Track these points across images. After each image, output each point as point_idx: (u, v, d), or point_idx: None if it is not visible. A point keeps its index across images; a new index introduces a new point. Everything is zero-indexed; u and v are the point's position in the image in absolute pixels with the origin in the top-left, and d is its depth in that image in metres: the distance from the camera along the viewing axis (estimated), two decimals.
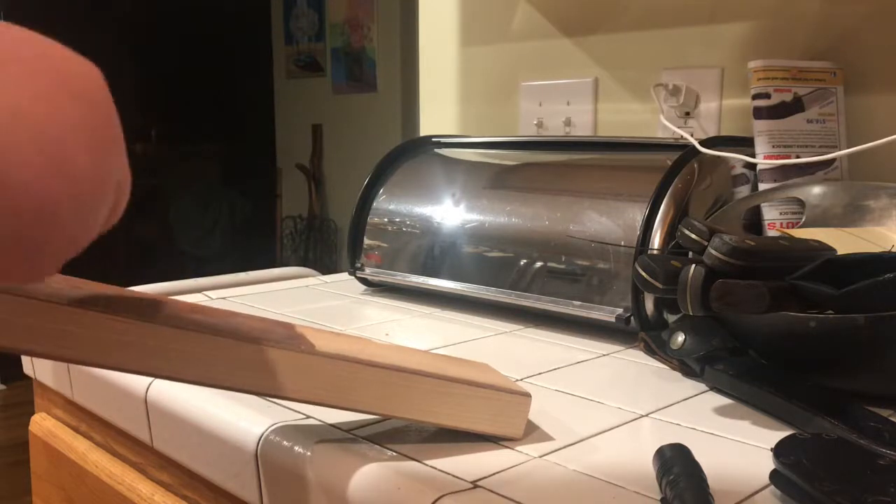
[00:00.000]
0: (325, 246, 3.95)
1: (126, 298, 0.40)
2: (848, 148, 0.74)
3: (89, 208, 0.28)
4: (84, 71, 0.29)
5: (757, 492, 0.40)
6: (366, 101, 3.70)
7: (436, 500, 0.39)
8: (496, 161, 0.89)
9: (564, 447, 0.46)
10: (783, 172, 0.75)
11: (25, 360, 0.78)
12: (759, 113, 0.76)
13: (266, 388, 0.42)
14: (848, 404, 0.48)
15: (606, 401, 0.54)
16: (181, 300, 0.44)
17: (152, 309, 0.40)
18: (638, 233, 0.67)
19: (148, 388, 0.59)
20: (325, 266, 3.81)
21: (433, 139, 0.96)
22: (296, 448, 0.46)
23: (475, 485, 0.41)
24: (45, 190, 0.25)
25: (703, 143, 0.73)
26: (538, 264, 0.74)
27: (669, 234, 0.66)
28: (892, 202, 0.69)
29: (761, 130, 0.76)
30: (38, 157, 0.25)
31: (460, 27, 1.19)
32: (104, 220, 0.29)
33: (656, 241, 0.67)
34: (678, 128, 0.88)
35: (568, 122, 1.06)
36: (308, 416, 0.50)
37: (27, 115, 0.25)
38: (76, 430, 0.76)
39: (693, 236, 0.54)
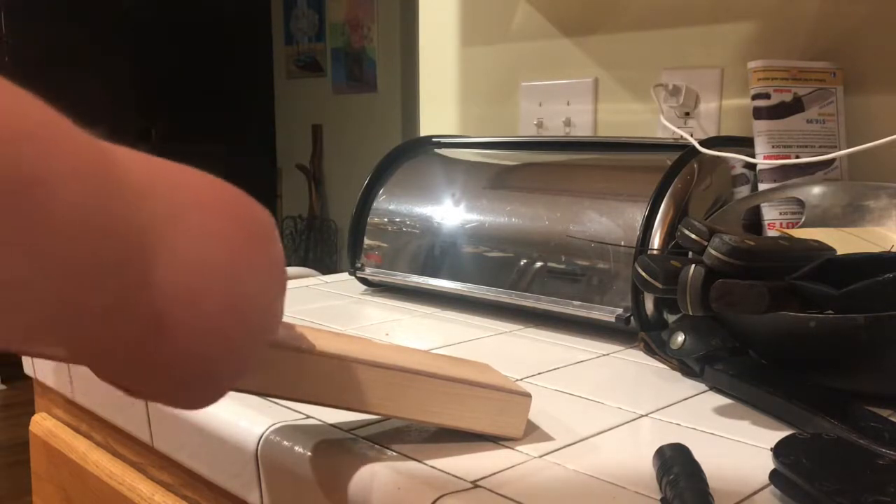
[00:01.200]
0: (325, 246, 3.95)
1: None
2: (848, 148, 0.74)
3: (257, 342, 0.31)
4: (261, 217, 0.31)
5: (757, 492, 0.40)
6: (366, 101, 3.70)
7: (436, 500, 0.39)
8: (496, 161, 0.89)
9: (564, 447, 0.46)
10: (783, 172, 0.75)
11: (26, 359, 0.78)
12: (758, 113, 0.76)
13: (266, 388, 0.42)
14: (848, 404, 0.48)
15: (606, 401, 0.54)
16: None
17: None
18: (638, 233, 0.67)
19: None
20: (325, 266, 3.81)
21: (433, 139, 0.96)
22: (296, 448, 0.46)
23: (475, 485, 0.41)
24: (228, 328, 0.28)
25: (702, 143, 0.73)
26: (538, 264, 0.74)
27: (669, 234, 0.66)
28: (892, 202, 0.69)
29: (761, 130, 0.76)
30: (224, 298, 0.27)
31: (460, 27, 1.19)
32: None
33: (656, 241, 0.67)
34: (678, 128, 0.88)
35: (568, 122, 1.06)
36: (308, 416, 0.50)
37: (213, 263, 0.27)
38: (76, 429, 0.76)
39: (693, 236, 0.54)
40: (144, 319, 0.26)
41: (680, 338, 0.58)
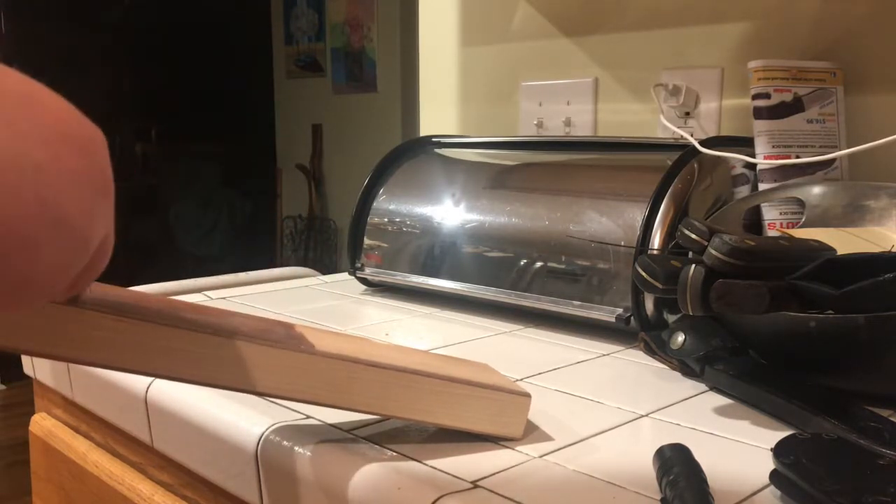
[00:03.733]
0: (325, 246, 3.95)
1: (126, 297, 0.40)
2: (848, 148, 0.74)
3: (71, 252, 0.28)
4: (88, 132, 0.30)
5: (757, 492, 0.40)
6: (366, 101, 3.70)
7: (436, 500, 0.39)
8: (496, 161, 0.89)
9: (564, 447, 0.46)
10: (783, 172, 0.75)
11: (25, 359, 0.78)
12: (759, 113, 0.76)
13: (266, 387, 0.42)
14: (848, 404, 0.48)
15: (606, 401, 0.54)
16: (181, 300, 0.44)
17: (152, 308, 0.40)
18: (638, 233, 0.67)
19: (148, 388, 0.59)
20: (325, 266, 3.81)
21: (433, 139, 0.96)
22: (296, 448, 0.46)
23: (475, 485, 0.41)
24: (32, 230, 0.26)
25: (703, 143, 0.73)
26: (538, 264, 0.74)
27: (669, 234, 0.66)
28: (892, 202, 0.69)
29: (761, 130, 0.76)
30: (31, 200, 0.26)
31: (460, 27, 1.19)
32: (83, 270, 0.30)
33: (656, 241, 0.67)
34: (678, 128, 0.88)
35: (568, 122, 1.06)
36: (308, 416, 0.50)
37: (28, 158, 0.26)
38: (76, 430, 0.76)
39: (693, 236, 0.54)
40: None
41: (680, 338, 0.58)
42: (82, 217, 0.28)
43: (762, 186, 0.76)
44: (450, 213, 0.83)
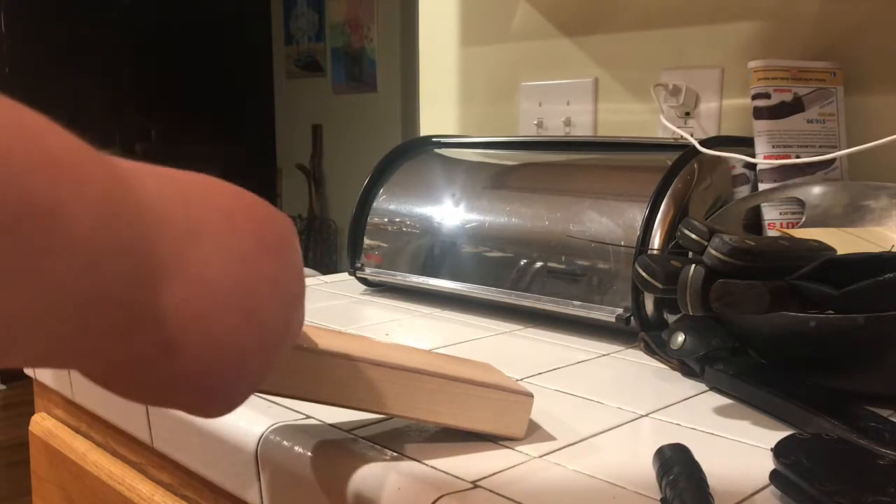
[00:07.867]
0: (325, 246, 3.95)
1: None
2: (848, 148, 0.74)
3: (274, 353, 0.31)
4: (280, 228, 0.32)
5: (757, 492, 0.40)
6: (366, 101, 3.70)
7: (436, 500, 0.39)
8: (496, 161, 0.89)
9: (564, 447, 0.46)
10: (783, 172, 0.75)
11: None
12: (759, 113, 0.76)
13: (268, 385, 0.42)
14: (848, 404, 0.48)
15: (606, 401, 0.54)
16: None
17: None
18: (638, 233, 0.67)
19: None
20: (325, 266, 3.81)
21: (433, 139, 0.96)
22: (296, 448, 0.46)
23: (475, 485, 0.41)
24: (241, 342, 0.29)
25: (703, 143, 0.73)
26: (538, 264, 0.74)
27: (669, 234, 0.66)
28: (892, 202, 0.69)
29: (761, 130, 0.76)
30: (238, 314, 0.28)
31: (460, 27, 1.19)
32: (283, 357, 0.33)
33: (656, 241, 0.67)
34: (678, 128, 0.88)
35: (568, 122, 1.06)
36: (308, 416, 0.50)
37: (227, 280, 0.28)
38: (76, 430, 0.76)
39: (693, 236, 0.54)
40: (153, 339, 0.26)
41: (680, 338, 0.58)
42: (279, 317, 0.30)
43: (762, 186, 0.76)
44: (450, 213, 0.83)
